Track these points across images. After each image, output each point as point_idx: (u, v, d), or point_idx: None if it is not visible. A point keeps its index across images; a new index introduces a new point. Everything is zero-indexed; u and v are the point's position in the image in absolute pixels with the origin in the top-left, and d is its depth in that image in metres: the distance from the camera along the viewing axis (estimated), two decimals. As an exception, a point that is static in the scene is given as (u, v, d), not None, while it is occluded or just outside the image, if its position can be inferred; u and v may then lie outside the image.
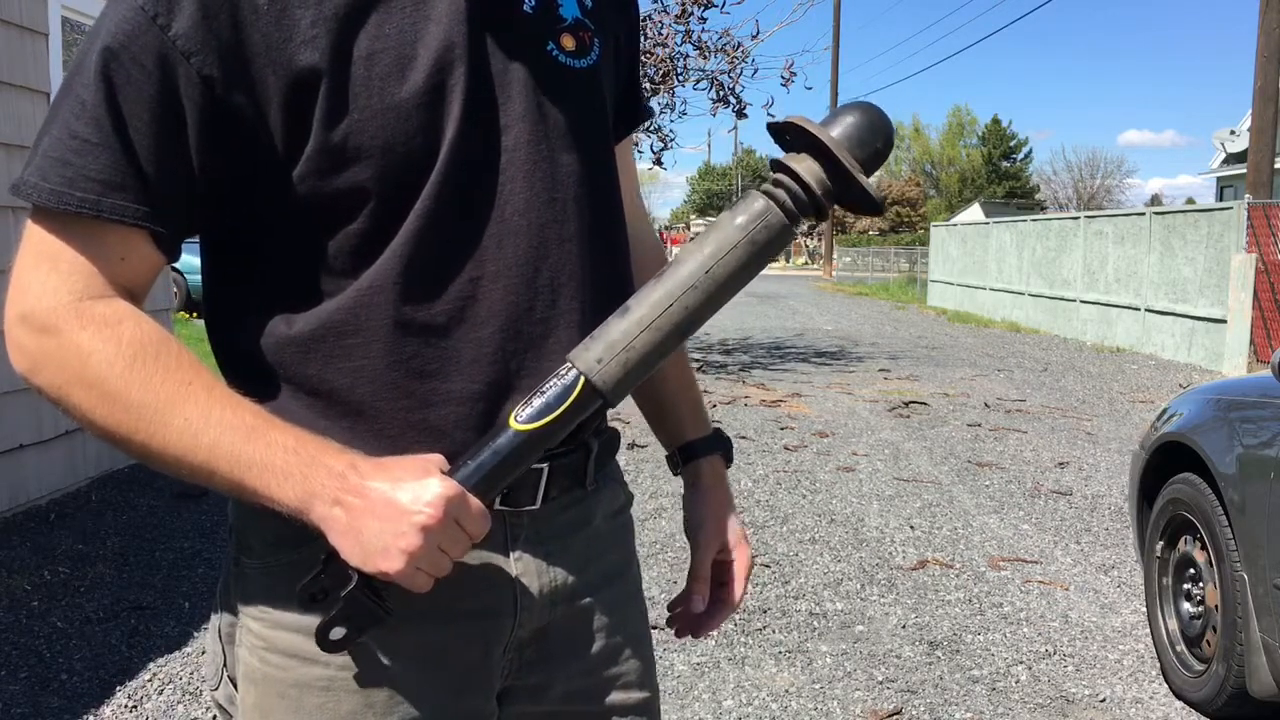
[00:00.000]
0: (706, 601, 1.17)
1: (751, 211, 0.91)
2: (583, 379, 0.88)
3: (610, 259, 1.03)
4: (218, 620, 1.02)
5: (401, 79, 0.89)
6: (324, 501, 0.85)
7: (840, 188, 0.92)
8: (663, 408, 1.24)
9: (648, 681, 1.13)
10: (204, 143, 0.87)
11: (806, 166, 0.91)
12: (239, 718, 0.99)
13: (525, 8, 0.97)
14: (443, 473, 0.87)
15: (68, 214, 0.85)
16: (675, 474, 1.24)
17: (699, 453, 1.21)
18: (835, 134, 0.91)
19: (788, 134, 0.94)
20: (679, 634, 1.20)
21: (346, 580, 0.87)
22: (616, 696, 1.09)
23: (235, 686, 1.00)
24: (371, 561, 0.85)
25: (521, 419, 0.88)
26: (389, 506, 0.84)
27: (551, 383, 0.90)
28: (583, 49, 1.00)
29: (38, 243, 0.87)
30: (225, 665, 1.01)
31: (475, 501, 0.87)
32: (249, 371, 0.94)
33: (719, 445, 1.23)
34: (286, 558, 0.95)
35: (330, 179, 0.89)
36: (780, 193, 0.92)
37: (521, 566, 1.00)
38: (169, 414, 0.85)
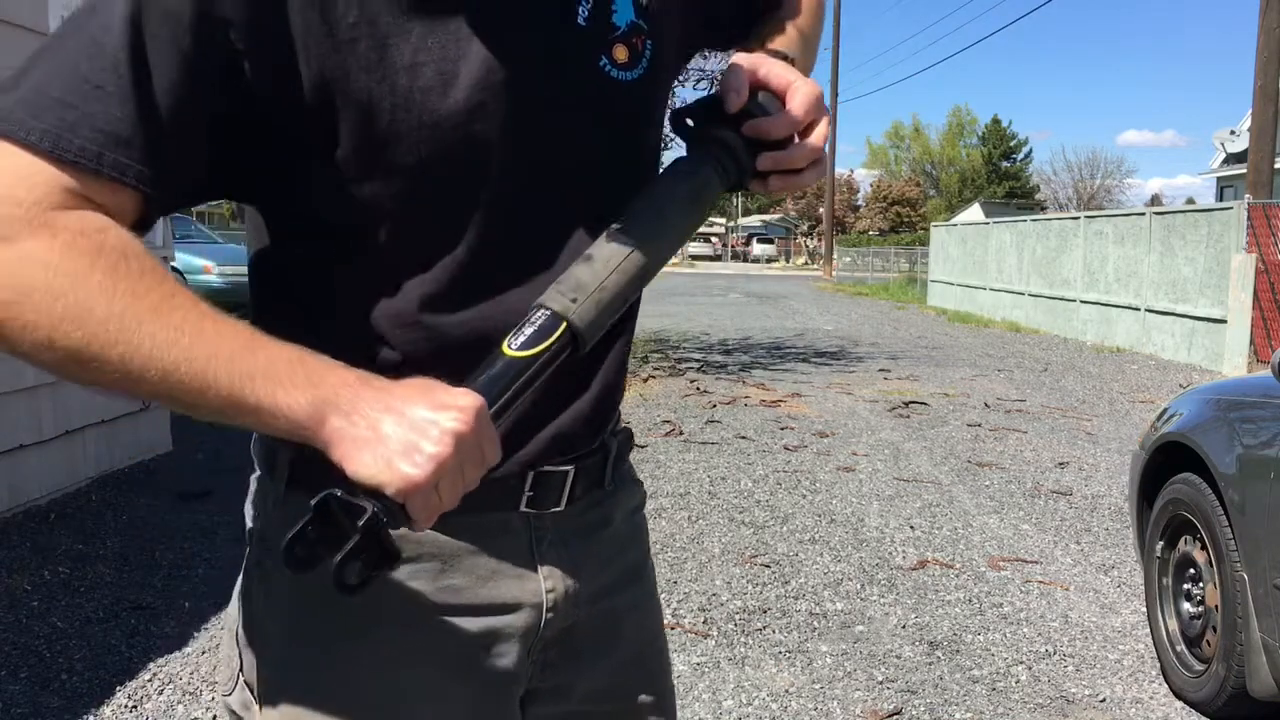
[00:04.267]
0: (741, 96, 0.96)
1: (691, 166, 0.97)
2: (557, 318, 0.86)
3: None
4: (235, 623, 0.99)
5: (443, 94, 0.86)
6: (338, 412, 0.76)
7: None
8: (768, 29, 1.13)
9: (664, 680, 1.14)
10: (221, 116, 0.83)
11: (734, 139, 0.97)
12: None
13: (579, 19, 0.92)
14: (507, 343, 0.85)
15: (59, 159, 0.76)
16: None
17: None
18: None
19: (707, 107, 0.99)
20: (770, 185, 1.00)
21: (357, 513, 0.76)
22: (636, 695, 1.10)
23: (251, 691, 0.97)
24: (393, 468, 0.75)
25: (515, 347, 0.85)
26: (416, 409, 0.77)
27: (526, 325, 0.86)
28: (635, 58, 0.96)
29: (2, 161, 0.76)
30: (241, 669, 0.99)
31: (492, 427, 0.81)
32: None
33: (777, 55, 1.04)
34: None
35: (360, 187, 0.86)
36: (710, 158, 0.98)
37: (547, 569, 0.99)
38: (155, 322, 0.75)
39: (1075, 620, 3.78)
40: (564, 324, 0.86)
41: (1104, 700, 3.15)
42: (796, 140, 0.97)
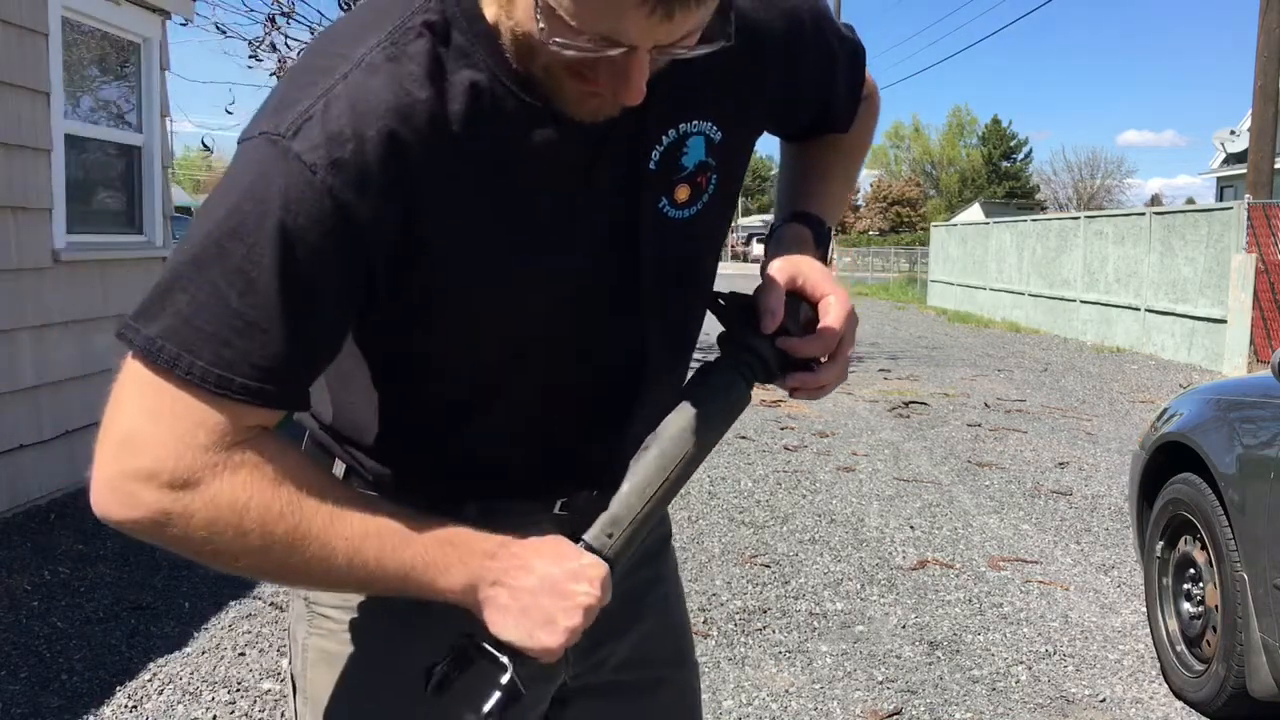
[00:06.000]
0: (776, 319, 0.98)
1: (725, 386, 0.99)
2: (599, 558, 0.93)
3: None
4: (291, 616, 1.08)
5: (526, 263, 0.90)
6: (485, 584, 0.87)
7: (790, 360, 1.02)
8: (795, 191, 1.17)
9: (688, 652, 1.22)
10: (351, 325, 0.89)
11: (768, 349, 0.99)
12: (302, 703, 1.05)
13: (650, 165, 0.95)
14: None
15: (224, 398, 0.80)
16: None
17: (790, 220, 1.11)
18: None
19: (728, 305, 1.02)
20: (793, 393, 1.05)
21: (498, 669, 0.88)
22: (662, 662, 1.17)
23: (293, 683, 1.05)
24: (535, 637, 0.86)
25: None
26: (557, 584, 0.87)
27: None
28: (696, 194, 0.98)
29: (161, 400, 0.80)
30: (290, 660, 1.07)
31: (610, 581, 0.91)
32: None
33: (812, 222, 1.10)
34: None
35: (442, 350, 0.93)
36: (745, 370, 1.00)
37: None
38: (331, 540, 0.84)
39: (1075, 620, 3.78)
40: (601, 559, 0.93)
41: (1104, 700, 3.15)
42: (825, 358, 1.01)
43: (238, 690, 3.06)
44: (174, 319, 0.79)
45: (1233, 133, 26.32)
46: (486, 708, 0.87)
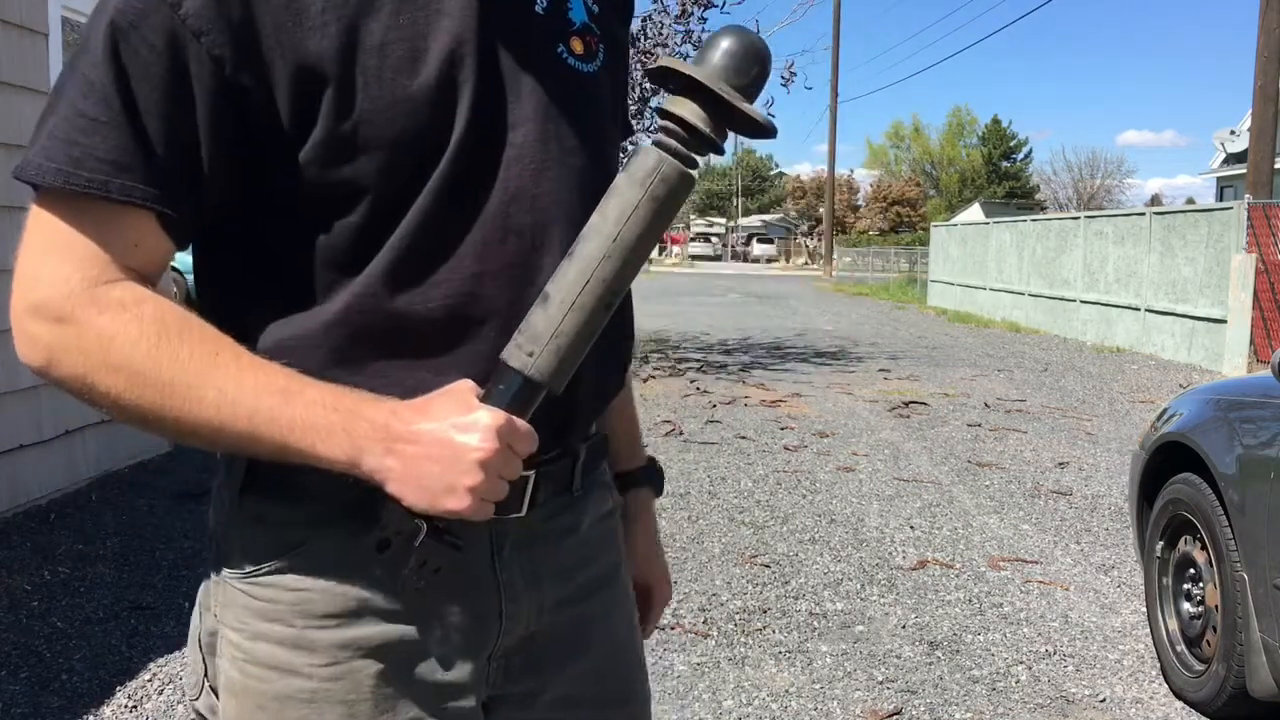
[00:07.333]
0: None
1: (646, 167, 0.88)
2: (517, 375, 0.87)
3: None
4: (198, 629, 1.00)
5: (413, 72, 0.89)
6: (374, 455, 0.84)
7: (725, 119, 0.90)
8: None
9: (638, 687, 1.14)
10: (212, 125, 0.86)
11: (690, 109, 0.89)
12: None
13: (537, 8, 0.97)
14: (479, 399, 0.86)
15: (74, 194, 0.83)
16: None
17: (628, 485, 1.23)
18: (710, 68, 0.89)
19: (667, 79, 0.93)
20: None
21: (414, 532, 0.86)
22: (607, 702, 1.09)
23: (217, 696, 0.98)
24: (438, 503, 0.84)
25: (494, 396, 0.88)
26: (444, 447, 0.83)
27: (499, 382, 0.88)
28: (589, 53, 1.01)
29: (45, 229, 0.85)
30: (206, 675, 0.99)
31: (521, 422, 0.86)
32: None
33: (648, 478, 1.26)
34: (266, 568, 0.94)
35: (334, 170, 0.88)
36: (669, 141, 0.89)
37: (508, 574, 0.99)
38: (202, 387, 0.83)
39: (1075, 620, 3.78)
40: (524, 379, 0.87)
41: (1104, 700, 3.15)
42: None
43: (238, 690, 3.06)
44: (42, 138, 0.85)
45: (1233, 133, 26.33)
46: (404, 570, 0.87)
